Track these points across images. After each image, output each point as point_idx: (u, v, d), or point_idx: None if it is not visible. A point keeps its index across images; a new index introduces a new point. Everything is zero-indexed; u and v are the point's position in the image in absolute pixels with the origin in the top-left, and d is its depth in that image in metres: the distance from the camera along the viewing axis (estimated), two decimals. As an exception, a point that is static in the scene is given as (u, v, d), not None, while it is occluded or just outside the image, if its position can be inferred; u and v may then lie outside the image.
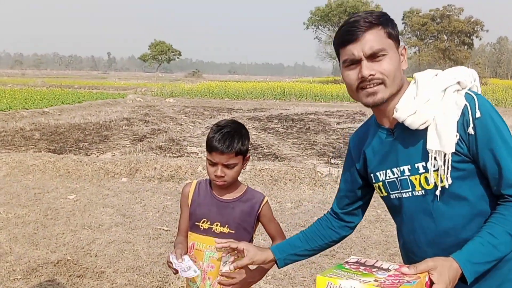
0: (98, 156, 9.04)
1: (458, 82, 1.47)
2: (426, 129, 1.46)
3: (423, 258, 1.52)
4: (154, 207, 6.09)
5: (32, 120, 14.65)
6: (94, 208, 5.99)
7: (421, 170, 1.50)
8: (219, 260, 1.96)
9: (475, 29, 65.03)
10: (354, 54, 1.47)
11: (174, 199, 6.32)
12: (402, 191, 1.57)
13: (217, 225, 2.03)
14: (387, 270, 1.33)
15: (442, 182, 1.46)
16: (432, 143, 1.44)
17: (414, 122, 1.46)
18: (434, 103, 1.46)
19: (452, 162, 1.43)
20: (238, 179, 2.09)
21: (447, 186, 1.45)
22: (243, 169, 2.08)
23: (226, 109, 21.50)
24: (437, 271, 1.30)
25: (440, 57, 65.86)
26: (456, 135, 1.42)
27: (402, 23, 69.29)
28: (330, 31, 64.38)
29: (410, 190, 1.54)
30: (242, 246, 1.78)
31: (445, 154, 1.43)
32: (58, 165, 7.80)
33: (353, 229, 1.88)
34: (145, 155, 8.77)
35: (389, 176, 1.59)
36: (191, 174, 7.48)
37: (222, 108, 22.01)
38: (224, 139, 1.94)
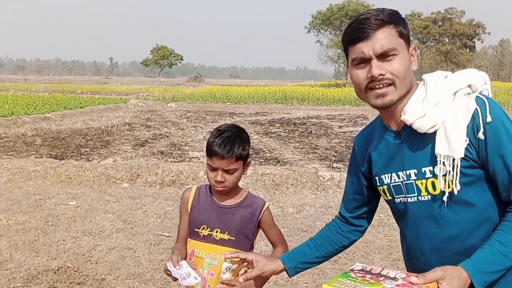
0: (99, 161, 9.01)
1: (469, 85, 1.42)
2: (435, 133, 1.42)
3: (427, 265, 1.49)
4: (156, 213, 6.05)
5: (34, 125, 14.66)
6: (95, 214, 5.96)
7: (428, 175, 1.46)
8: (220, 267, 1.93)
9: (477, 31, 64.92)
10: (364, 53, 1.43)
11: (175, 205, 6.29)
12: (407, 196, 1.53)
13: (217, 231, 2.00)
14: (395, 279, 1.30)
15: (449, 187, 1.42)
16: (440, 148, 1.40)
17: (423, 126, 1.42)
18: (444, 107, 1.42)
19: (460, 167, 1.39)
20: (239, 185, 2.06)
21: (456, 192, 1.41)
22: (244, 174, 2.05)
23: (228, 113, 21.50)
24: (446, 281, 1.27)
25: (442, 60, 65.77)
26: (465, 140, 1.38)
27: (404, 26, 68.99)
28: (331, 35, 64.46)
29: (416, 195, 1.50)
30: (251, 257, 1.75)
31: (453, 159, 1.39)
32: (59, 171, 7.78)
33: (363, 233, 1.85)
34: (146, 160, 8.74)
35: (394, 179, 1.55)
36: (193, 179, 7.44)
37: (224, 112, 22.01)
38: (224, 144, 1.91)
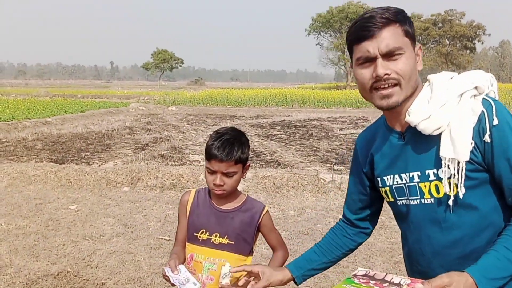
0: (100, 165, 8.99)
1: (476, 87, 1.40)
2: (439, 135, 1.40)
3: (428, 268, 1.46)
4: (156, 217, 6.03)
5: (34, 130, 14.66)
6: (95, 218, 5.94)
7: (431, 177, 1.44)
8: (219, 272, 1.91)
9: (477, 33, 64.88)
10: (369, 52, 1.40)
11: (176, 208, 6.26)
12: (410, 198, 1.50)
13: (216, 236, 1.98)
14: (399, 285, 1.28)
15: (452, 190, 1.39)
16: (445, 150, 1.37)
17: (428, 127, 1.39)
18: (450, 108, 1.39)
19: (465, 170, 1.37)
20: (238, 189, 2.04)
21: (461, 195, 1.38)
22: (243, 178, 2.03)
23: (229, 116, 21.49)
24: (452, 287, 1.24)
25: (442, 61, 65.75)
26: (471, 143, 1.35)
27: (404, 28, 69.11)
28: (332, 37, 64.62)
29: (419, 197, 1.48)
30: (257, 268, 1.72)
31: (458, 162, 1.36)
32: (59, 175, 7.77)
33: (369, 235, 1.82)
34: (147, 164, 8.72)
35: (397, 181, 1.53)
36: (193, 183, 7.42)
37: (224, 115, 22.00)
38: (223, 147, 1.89)
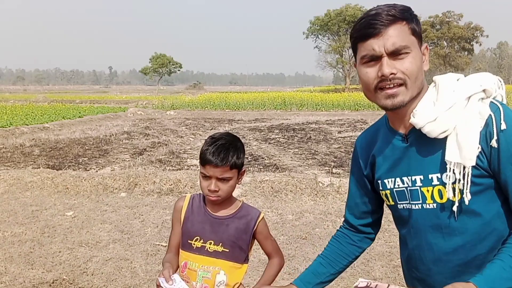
0: (97, 171, 8.93)
1: (484, 90, 1.35)
2: (445, 138, 1.35)
3: (426, 275, 1.43)
4: (153, 222, 5.97)
5: (32, 136, 14.60)
6: (92, 224, 5.88)
7: (434, 182, 1.39)
8: (213, 280, 1.86)
9: (475, 34, 64.99)
10: (375, 50, 1.35)
11: (173, 213, 6.20)
12: (411, 203, 1.46)
13: (210, 243, 1.93)
14: None
15: (456, 196, 1.34)
16: (451, 155, 1.32)
17: (434, 130, 1.34)
18: (457, 111, 1.34)
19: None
20: (233, 195, 1.99)
21: (467, 202, 1.33)
22: (238, 184, 1.98)
23: (227, 120, 21.44)
24: None
25: (440, 63, 65.76)
26: (478, 148, 1.30)
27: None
28: (330, 40, 64.60)
29: (421, 202, 1.43)
30: None
31: (464, 167, 1.31)
32: (56, 181, 7.71)
33: (373, 240, 1.76)
34: (144, 169, 8.66)
35: (398, 184, 1.48)
36: (191, 188, 7.37)
37: (223, 119, 21.96)
38: (218, 152, 1.85)
